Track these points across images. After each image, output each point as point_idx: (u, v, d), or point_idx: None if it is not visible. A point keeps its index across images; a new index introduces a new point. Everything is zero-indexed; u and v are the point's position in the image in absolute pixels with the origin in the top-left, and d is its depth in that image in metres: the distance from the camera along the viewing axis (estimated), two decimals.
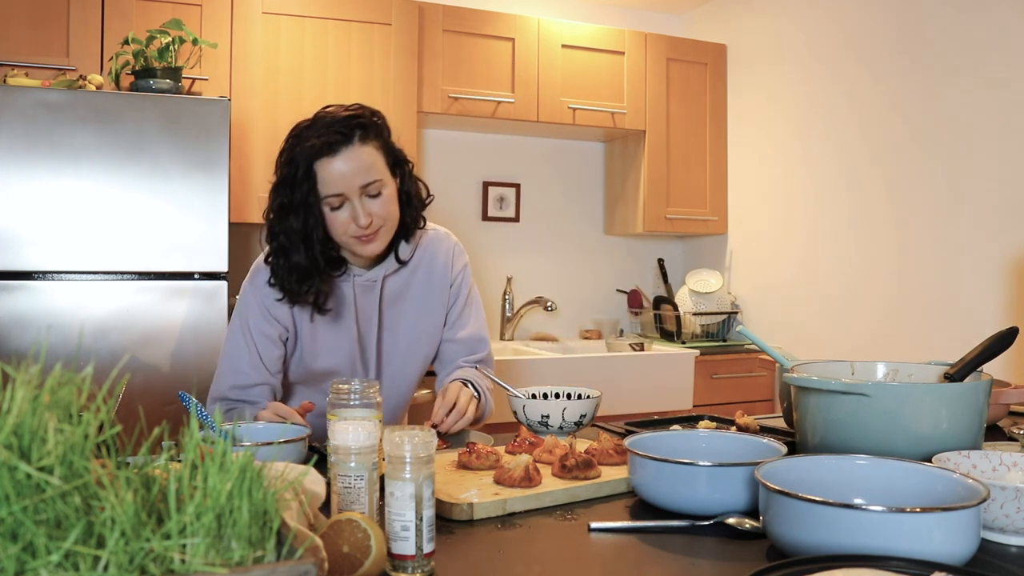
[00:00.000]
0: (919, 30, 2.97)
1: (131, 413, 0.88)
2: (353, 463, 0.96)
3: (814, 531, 0.88)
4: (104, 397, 0.63)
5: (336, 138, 1.53)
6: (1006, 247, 2.68)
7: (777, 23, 3.62)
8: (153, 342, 2.56)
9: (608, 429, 1.62)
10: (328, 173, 1.54)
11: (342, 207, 1.56)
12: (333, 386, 1.16)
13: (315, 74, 3.11)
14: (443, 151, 3.73)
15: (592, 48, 3.61)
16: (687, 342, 3.69)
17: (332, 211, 1.56)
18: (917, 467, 1.02)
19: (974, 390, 1.24)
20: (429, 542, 0.89)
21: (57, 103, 2.44)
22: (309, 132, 1.56)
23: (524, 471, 1.18)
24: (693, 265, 4.10)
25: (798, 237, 3.52)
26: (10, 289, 2.44)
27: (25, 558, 0.55)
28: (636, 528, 1.06)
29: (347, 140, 1.54)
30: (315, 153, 1.53)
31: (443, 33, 3.34)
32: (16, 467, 0.56)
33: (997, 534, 1.00)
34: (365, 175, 1.55)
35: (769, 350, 1.54)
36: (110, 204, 2.51)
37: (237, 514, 0.62)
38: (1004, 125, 2.69)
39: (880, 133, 3.13)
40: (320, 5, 3.12)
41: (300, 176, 1.55)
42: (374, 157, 1.57)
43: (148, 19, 2.83)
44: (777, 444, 1.17)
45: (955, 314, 2.84)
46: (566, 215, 3.98)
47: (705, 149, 3.86)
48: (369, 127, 1.58)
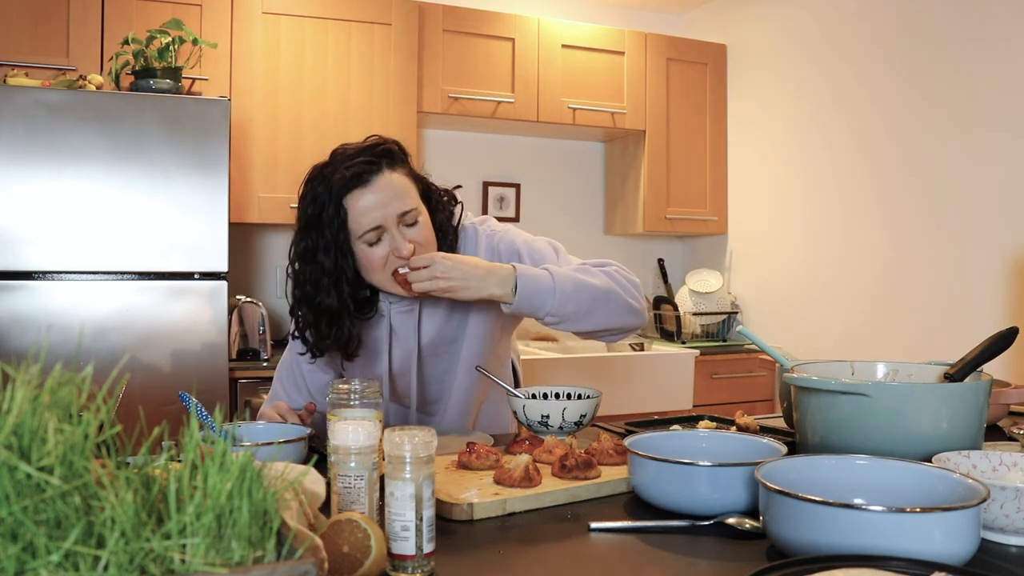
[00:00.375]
0: (919, 29, 2.97)
1: (131, 413, 0.88)
2: (353, 463, 0.96)
3: (814, 531, 0.88)
4: (104, 397, 0.63)
5: (365, 167, 1.42)
6: (1006, 247, 2.68)
7: (777, 23, 3.62)
8: (153, 342, 2.56)
9: (608, 429, 1.62)
10: (362, 206, 1.42)
11: (380, 241, 1.44)
12: (333, 386, 1.16)
13: (315, 74, 3.11)
14: (443, 151, 3.73)
15: (592, 48, 3.61)
16: (687, 342, 3.69)
17: (369, 247, 1.44)
18: (917, 467, 1.02)
19: (974, 390, 1.24)
20: (429, 542, 0.89)
21: (57, 103, 2.44)
22: (332, 168, 1.44)
23: (524, 471, 1.18)
24: (693, 265, 4.10)
25: (798, 237, 3.52)
26: (10, 289, 2.44)
27: (25, 558, 0.55)
28: (636, 528, 1.06)
29: (378, 168, 1.44)
30: (345, 187, 1.42)
31: (443, 33, 3.34)
32: (16, 467, 0.56)
33: (997, 534, 1.00)
34: (401, 203, 1.44)
35: (769, 350, 1.54)
36: (110, 204, 2.51)
37: (237, 514, 0.62)
38: (1004, 125, 2.69)
39: (881, 132, 3.13)
40: (320, 5, 3.12)
41: (329, 215, 1.42)
42: (406, 184, 1.47)
43: (148, 19, 2.83)
44: (777, 444, 1.17)
45: (955, 314, 2.84)
46: (566, 215, 3.98)
47: (705, 149, 3.86)
48: (395, 154, 1.48)
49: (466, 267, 1.40)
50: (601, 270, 1.53)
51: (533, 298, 1.42)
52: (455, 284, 1.39)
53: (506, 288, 1.41)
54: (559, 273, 1.45)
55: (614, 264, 1.57)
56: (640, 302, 1.55)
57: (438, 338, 1.61)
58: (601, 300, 1.48)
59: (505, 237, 1.61)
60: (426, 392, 1.67)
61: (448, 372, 1.66)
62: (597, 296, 1.47)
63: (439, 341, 1.62)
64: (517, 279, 1.42)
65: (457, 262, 1.40)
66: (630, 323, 1.54)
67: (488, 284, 1.41)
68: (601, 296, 1.48)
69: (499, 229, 1.64)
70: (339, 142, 1.52)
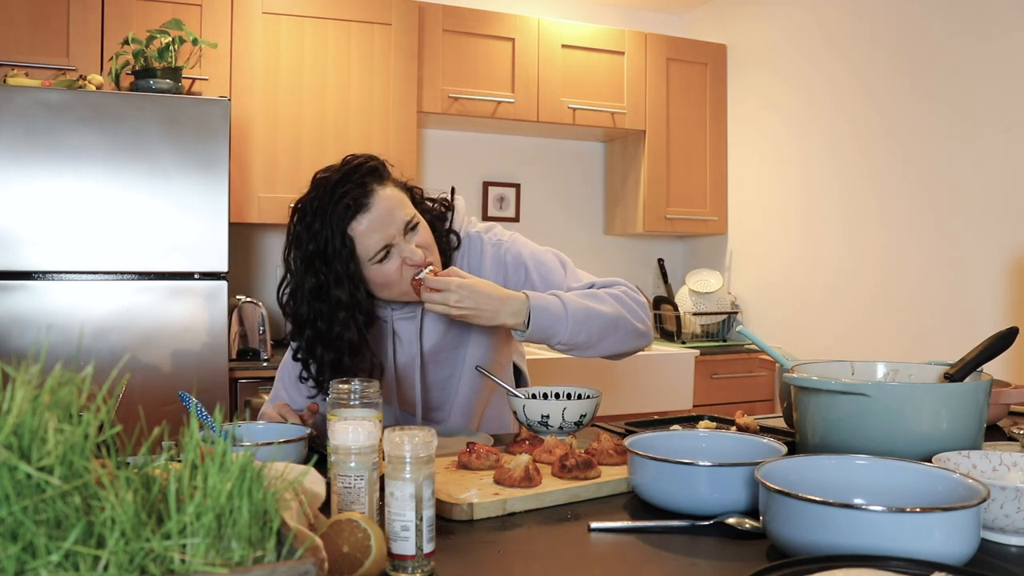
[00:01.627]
0: (919, 29, 2.97)
1: (131, 413, 0.88)
2: (353, 463, 0.96)
3: (814, 531, 0.88)
4: (104, 397, 0.63)
5: (360, 192, 1.41)
6: (1006, 247, 2.68)
7: (777, 23, 3.62)
8: (153, 342, 2.56)
9: (608, 429, 1.62)
10: (367, 230, 1.41)
11: (389, 256, 1.44)
12: (333, 386, 1.16)
13: (315, 74, 3.11)
14: (443, 151, 3.73)
15: (592, 48, 3.61)
16: (687, 342, 3.69)
17: (380, 264, 1.44)
18: (917, 467, 1.02)
19: (974, 390, 1.24)
20: (429, 542, 0.89)
21: (57, 103, 2.44)
22: (322, 200, 1.42)
23: (524, 471, 1.18)
24: (693, 265, 4.10)
25: (798, 237, 3.52)
26: (10, 289, 2.44)
27: (25, 558, 0.55)
28: (636, 528, 1.06)
29: (371, 189, 1.43)
30: (345, 216, 1.41)
31: (443, 33, 3.34)
32: (16, 467, 0.56)
33: (997, 534, 1.00)
34: (401, 214, 1.44)
35: (769, 350, 1.54)
36: (110, 204, 2.51)
37: (237, 514, 0.62)
38: (1004, 125, 2.69)
39: (881, 132, 3.13)
40: (320, 5, 3.12)
41: (336, 248, 1.41)
42: (398, 194, 1.47)
43: (148, 19, 2.83)
44: (777, 444, 1.17)
45: (955, 314, 2.84)
46: (566, 215, 3.98)
47: (705, 149, 3.86)
48: (378, 169, 1.47)
49: (480, 297, 1.40)
50: (609, 293, 1.53)
51: (546, 328, 1.44)
52: (468, 312, 1.40)
53: (519, 318, 1.43)
54: (571, 302, 1.46)
55: (622, 284, 1.58)
56: (646, 324, 1.56)
57: (441, 343, 1.61)
58: (611, 327, 1.49)
59: (512, 249, 1.60)
60: (430, 397, 1.67)
61: (451, 377, 1.65)
62: (607, 324, 1.49)
63: (442, 346, 1.62)
64: (530, 309, 1.43)
65: (472, 291, 1.40)
66: (637, 346, 1.57)
67: (501, 314, 1.42)
68: (611, 323, 1.49)
69: (506, 239, 1.63)
70: (339, 142, 1.52)
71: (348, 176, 1.43)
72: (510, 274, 1.59)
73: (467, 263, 1.60)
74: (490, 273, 1.58)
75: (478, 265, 1.59)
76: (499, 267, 1.59)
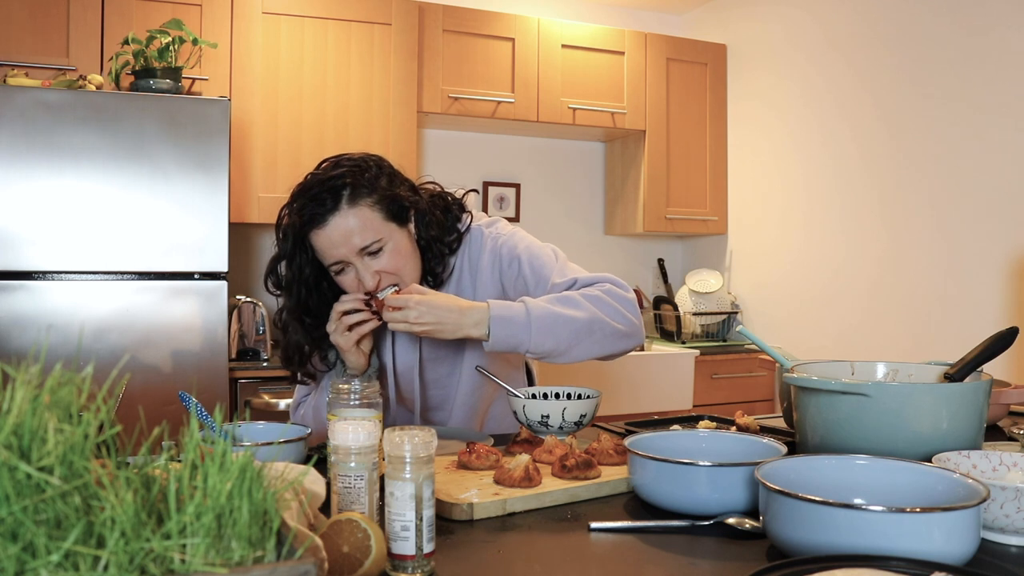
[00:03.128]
0: (919, 29, 2.97)
1: (131, 413, 0.88)
2: (353, 463, 0.96)
3: (814, 531, 0.87)
4: (104, 397, 0.63)
5: (320, 210, 1.43)
6: (1006, 247, 2.68)
7: (777, 23, 3.62)
8: (153, 342, 2.56)
9: (608, 429, 1.62)
10: (321, 244, 1.45)
11: (344, 271, 1.48)
12: (333, 385, 1.16)
13: (315, 74, 3.11)
14: (443, 151, 3.73)
15: (592, 48, 3.61)
16: (687, 342, 3.69)
17: (337, 275, 1.49)
18: (917, 467, 1.02)
19: (974, 390, 1.24)
20: (429, 542, 0.89)
21: (57, 103, 2.44)
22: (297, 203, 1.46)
23: (524, 471, 1.18)
24: (693, 265, 4.10)
25: (798, 237, 3.52)
26: (10, 289, 2.44)
27: (25, 558, 0.55)
28: (636, 528, 1.06)
29: (334, 207, 1.43)
30: (303, 228, 1.45)
31: (443, 33, 3.34)
32: (16, 467, 0.56)
33: (997, 534, 1.00)
34: (360, 238, 1.44)
35: (769, 350, 1.54)
36: (110, 204, 2.51)
37: (237, 514, 0.62)
38: (1004, 125, 2.69)
39: (881, 132, 3.13)
40: (320, 5, 3.12)
41: (295, 250, 1.49)
42: (366, 217, 1.44)
43: (148, 19, 2.83)
44: (777, 444, 1.17)
45: (955, 314, 2.84)
46: (566, 215, 3.98)
47: (705, 149, 3.86)
48: (357, 186, 1.45)
49: (440, 311, 1.39)
50: (585, 295, 1.48)
51: (509, 338, 1.41)
52: (430, 327, 1.40)
53: (482, 329, 1.41)
54: (536, 308, 1.43)
55: (607, 281, 1.54)
56: (631, 323, 1.51)
57: (439, 341, 1.61)
58: (584, 332, 1.45)
59: (508, 242, 1.60)
60: (430, 397, 1.67)
61: (451, 375, 1.65)
62: (578, 329, 1.45)
63: (441, 344, 1.62)
64: (491, 319, 1.41)
65: (430, 306, 1.39)
66: (620, 348, 1.52)
67: (463, 326, 1.40)
68: (583, 328, 1.45)
69: (505, 232, 1.62)
70: (339, 142, 1.54)
71: (321, 185, 1.45)
72: (504, 268, 1.58)
73: (467, 257, 1.61)
74: (487, 266, 1.59)
75: (477, 259, 1.60)
76: (495, 260, 1.59)
